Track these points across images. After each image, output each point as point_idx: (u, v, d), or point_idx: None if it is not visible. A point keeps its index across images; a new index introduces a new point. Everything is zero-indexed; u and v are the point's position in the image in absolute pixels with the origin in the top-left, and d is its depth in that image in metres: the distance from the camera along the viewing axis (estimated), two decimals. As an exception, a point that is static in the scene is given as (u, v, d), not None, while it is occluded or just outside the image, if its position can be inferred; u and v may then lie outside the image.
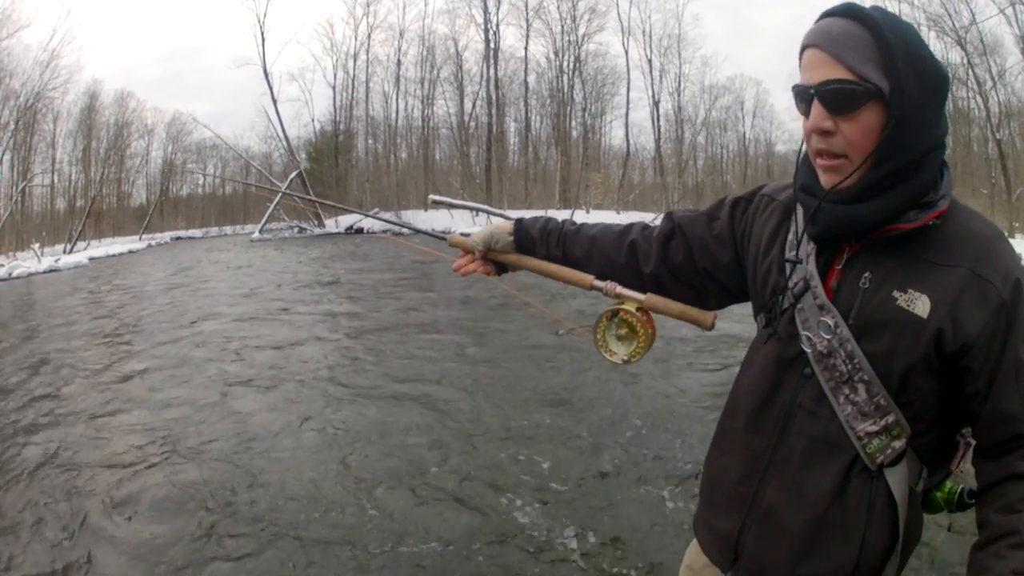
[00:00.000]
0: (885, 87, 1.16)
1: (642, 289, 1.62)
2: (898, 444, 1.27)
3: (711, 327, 1.57)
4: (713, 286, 1.58)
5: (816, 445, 1.31)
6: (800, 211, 1.37)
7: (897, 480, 1.28)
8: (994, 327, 1.19)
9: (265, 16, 50.69)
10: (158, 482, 4.51)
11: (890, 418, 1.26)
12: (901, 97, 1.16)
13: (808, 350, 1.32)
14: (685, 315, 1.57)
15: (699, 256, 1.58)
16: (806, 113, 1.25)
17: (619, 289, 1.63)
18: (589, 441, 5.09)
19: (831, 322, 1.29)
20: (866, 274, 1.27)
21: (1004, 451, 1.24)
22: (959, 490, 1.34)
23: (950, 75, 1.26)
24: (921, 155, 1.21)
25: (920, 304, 1.21)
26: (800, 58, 1.26)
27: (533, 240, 1.73)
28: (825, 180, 1.27)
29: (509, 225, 1.75)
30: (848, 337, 1.27)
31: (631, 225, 1.71)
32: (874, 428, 1.27)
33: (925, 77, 1.17)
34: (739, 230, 1.54)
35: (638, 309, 1.59)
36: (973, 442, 1.30)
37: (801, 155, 1.37)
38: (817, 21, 1.25)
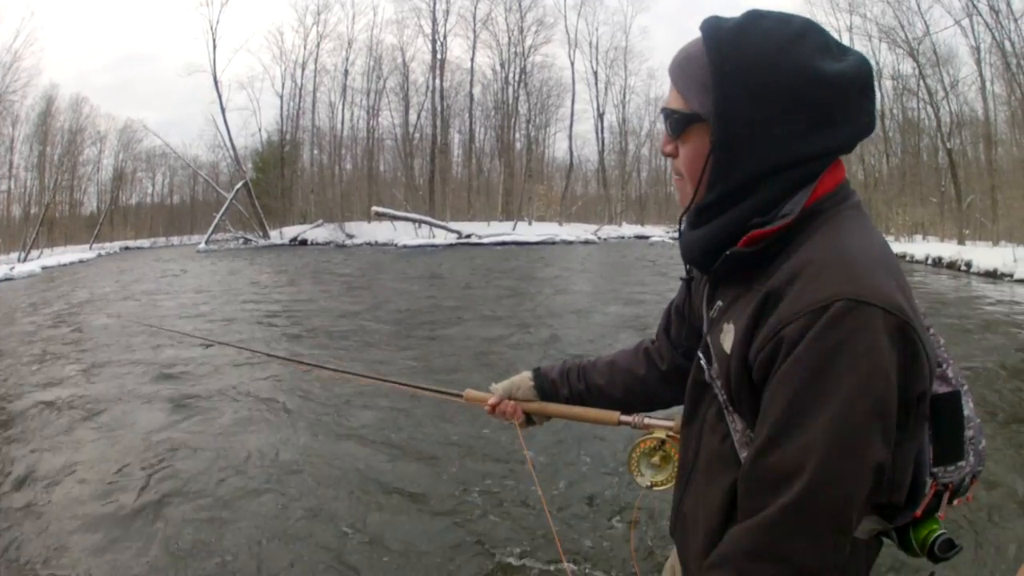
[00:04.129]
0: (704, 110, 1.16)
1: (672, 391, 1.66)
2: None
3: None
4: None
5: (713, 460, 1.31)
6: None
7: None
8: (767, 360, 1.09)
9: (218, 23, 53.15)
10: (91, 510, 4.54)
11: None
12: (721, 120, 1.14)
13: (707, 377, 1.34)
14: None
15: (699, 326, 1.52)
16: None
17: (647, 420, 1.67)
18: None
19: (705, 354, 1.33)
20: (718, 303, 1.29)
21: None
22: (934, 538, 1.21)
23: (845, 80, 1.12)
24: (758, 177, 1.16)
25: (728, 337, 1.19)
26: None
27: (554, 382, 1.78)
28: (679, 201, 1.30)
29: (529, 373, 1.81)
30: (718, 370, 1.27)
31: (642, 340, 1.77)
32: None
33: (771, 89, 1.11)
34: None
35: (668, 435, 1.63)
36: (946, 482, 1.21)
37: None
38: None
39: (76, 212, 56.33)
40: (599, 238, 48.70)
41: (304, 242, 45.12)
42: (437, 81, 55.26)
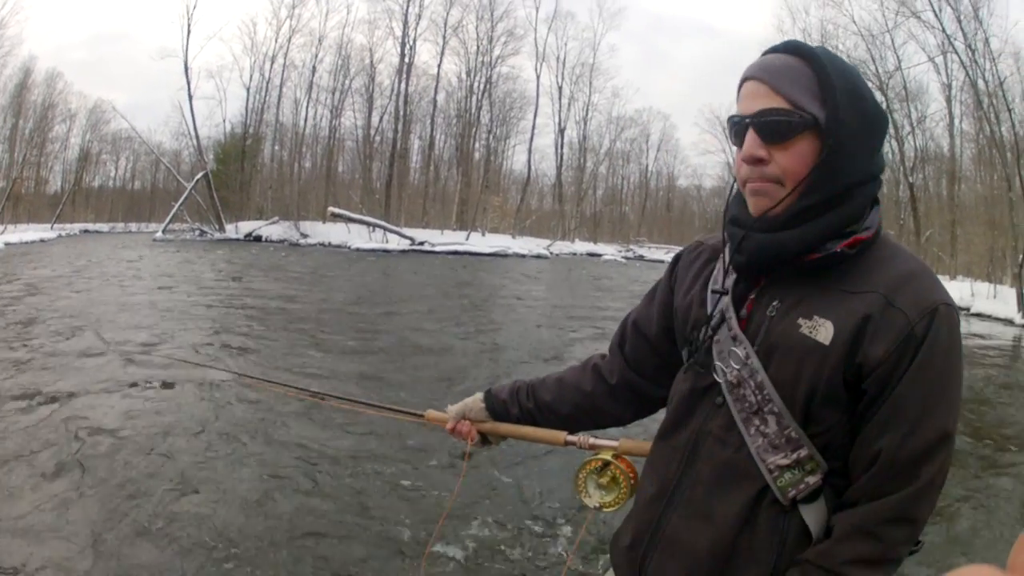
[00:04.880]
0: (821, 117, 1.26)
1: (620, 407, 1.75)
2: (812, 480, 1.29)
3: None
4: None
5: (724, 472, 1.35)
6: (727, 245, 1.42)
7: (814, 518, 1.30)
8: (897, 358, 1.22)
9: (195, 8, 52.77)
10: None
11: (803, 452, 1.29)
12: (837, 127, 1.25)
13: (721, 380, 1.38)
14: None
15: (657, 340, 1.65)
16: (739, 143, 1.34)
17: (592, 440, 1.74)
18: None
19: (742, 352, 1.35)
20: (775, 302, 1.34)
21: (853, 499, 1.29)
22: None
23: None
24: (852, 185, 1.29)
25: (823, 330, 1.26)
26: (739, 91, 1.36)
27: (504, 403, 1.83)
28: (754, 204, 1.35)
29: (480, 394, 1.88)
30: (758, 368, 1.32)
31: (592, 355, 1.83)
32: (785, 461, 1.29)
33: (863, 113, 1.28)
34: (675, 283, 1.63)
35: (614, 456, 1.68)
36: None
37: (733, 191, 1.45)
38: (760, 57, 1.36)
39: (41, 190, 56.53)
40: (551, 253, 50.12)
41: (259, 238, 45.44)
42: (403, 85, 56.29)
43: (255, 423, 6.60)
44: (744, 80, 1.35)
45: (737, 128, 1.34)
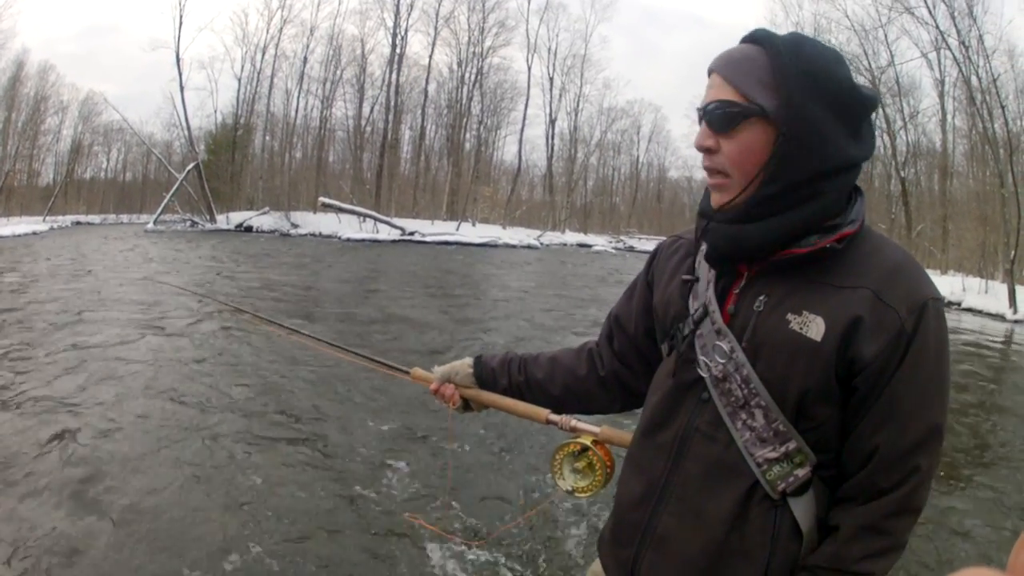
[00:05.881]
0: (770, 105, 1.26)
1: (609, 396, 1.76)
2: (801, 472, 1.30)
3: None
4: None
5: (714, 470, 1.36)
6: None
7: (803, 510, 1.31)
8: (889, 355, 1.25)
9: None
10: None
11: (791, 445, 1.30)
12: (789, 114, 1.24)
13: (705, 375, 1.38)
14: None
15: (638, 338, 1.68)
16: None
17: (574, 423, 1.72)
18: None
19: (726, 347, 1.35)
20: (761, 297, 1.33)
21: (851, 494, 1.32)
22: None
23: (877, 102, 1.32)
24: (819, 174, 1.26)
25: (814, 327, 1.27)
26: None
27: (493, 371, 1.82)
28: (714, 199, 1.37)
29: (469, 359, 1.87)
30: (743, 362, 1.32)
31: (587, 341, 1.83)
32: (774, 455, 1.30)
33: (828, 96, 1.25)
34: (653, 279, 1.65)
35: (594, 442, 1.67)
36: None
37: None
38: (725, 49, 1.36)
39: (33, 182, 56.74)
40: (541, 244, 50.32)
41: (249, 228, 45.36)
42: (394, 75, 56.43)
43: (241, 367, 7.53)
44: (708, 72, 1.37)
45: (698, 119, 1.37)
